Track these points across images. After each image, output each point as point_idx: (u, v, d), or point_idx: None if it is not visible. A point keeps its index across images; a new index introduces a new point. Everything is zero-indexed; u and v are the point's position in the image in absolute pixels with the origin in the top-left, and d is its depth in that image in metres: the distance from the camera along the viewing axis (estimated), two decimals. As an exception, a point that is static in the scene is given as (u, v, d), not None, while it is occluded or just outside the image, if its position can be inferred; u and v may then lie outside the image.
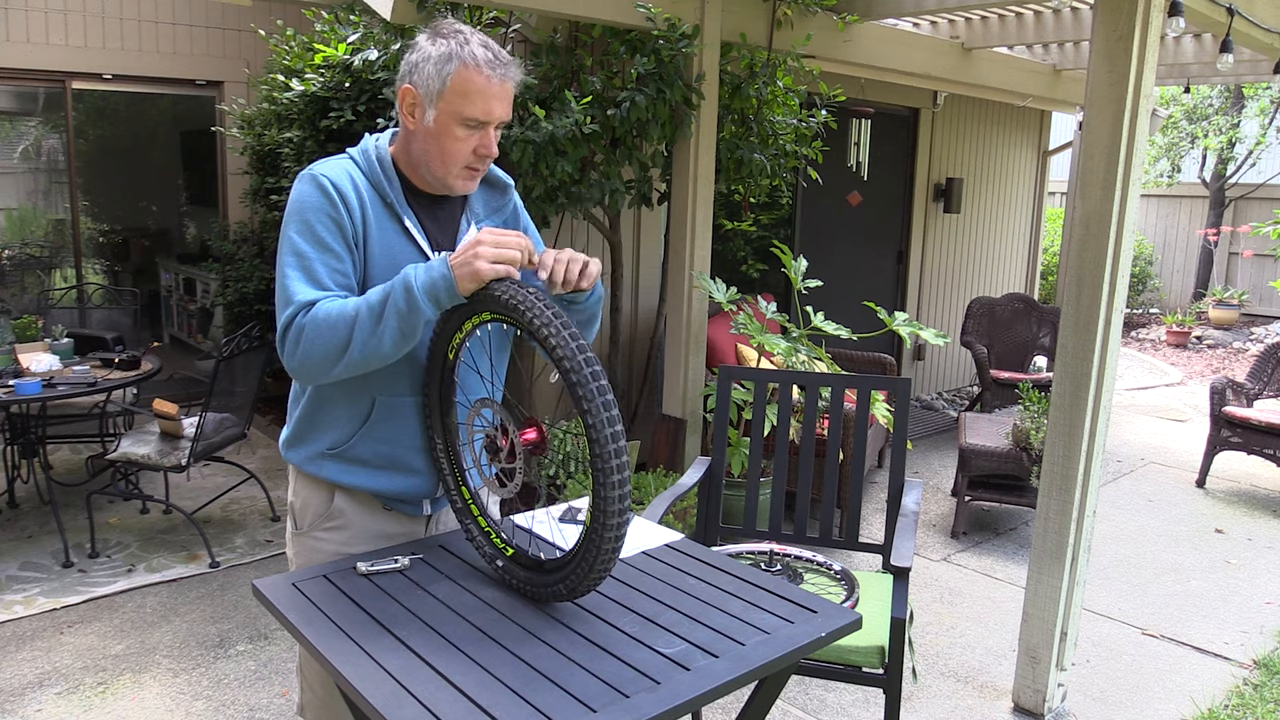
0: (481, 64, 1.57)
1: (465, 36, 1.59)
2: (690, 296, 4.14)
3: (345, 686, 1.32)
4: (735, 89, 4.27)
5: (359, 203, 1.63)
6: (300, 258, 1.58)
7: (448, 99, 1.58)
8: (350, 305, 1.51)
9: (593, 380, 1.34)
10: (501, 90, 1.60)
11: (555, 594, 1.51)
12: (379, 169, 1.68)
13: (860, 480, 2.79)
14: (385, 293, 1.49)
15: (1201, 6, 3.34)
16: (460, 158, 1.63)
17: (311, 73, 4.80)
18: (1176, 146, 11.57)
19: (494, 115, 1.61)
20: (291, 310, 1.55)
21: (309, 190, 1.62)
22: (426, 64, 1.59)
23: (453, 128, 1.60)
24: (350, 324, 1.49)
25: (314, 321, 1.52)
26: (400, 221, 1.67)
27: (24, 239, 7.41)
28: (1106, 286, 2.73)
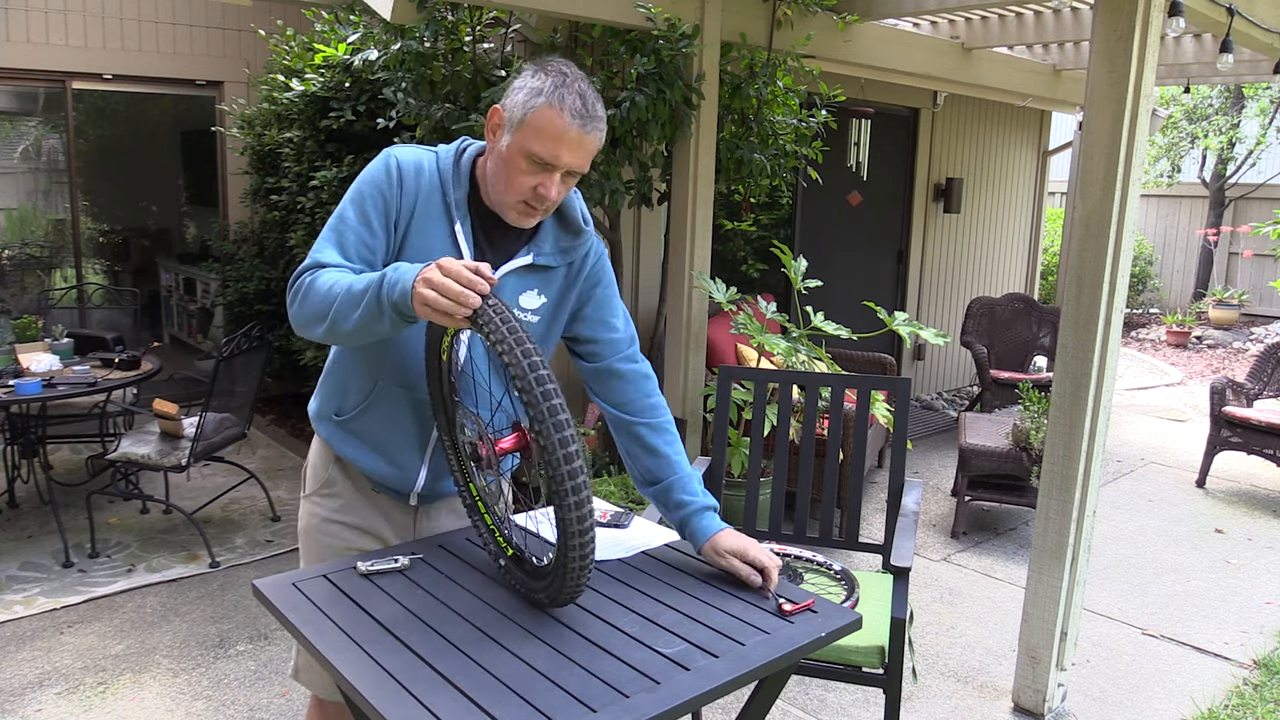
0: (566, 108, 1.57)
1: (568, 80, 1.59)
2: (690, 296, 4.14)
3: (345, 687, 1.32)
4: (735, 89, 4.27)
5: (415, 190, 1.67)
6: (341, 222, 1.66)
7: (524, 130, 1.58)
8: (343, 282, 1.55)
9: (544, 400, 1.33)
10: (577, 139, 1.58)
11: (539, 601, 1.53)
12: (453, 170, 1.70)
13: (860, 480, 2.79)
14: (368, 283, 1.50)
15: (1201, 6, 3.34)
16: (520, 191, 1.62)
17: (311, 73, 4.80)
18: (1176, 146, 11.57)
19: (561, 161, 1.59)
20: (304, 265, 1.63)
21: (378, 166, 1.68)
22: (521, 91, 1.60)
23: (519, 159, 1.60)
24: (335, 298, 1.54)
25: (313, 284, 1.58)
26: (451, 224, 1.68)
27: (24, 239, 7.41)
28: (1106, 286, 2.73)
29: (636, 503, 3.87)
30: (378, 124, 4.33)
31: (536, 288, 1.76)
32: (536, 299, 1.77)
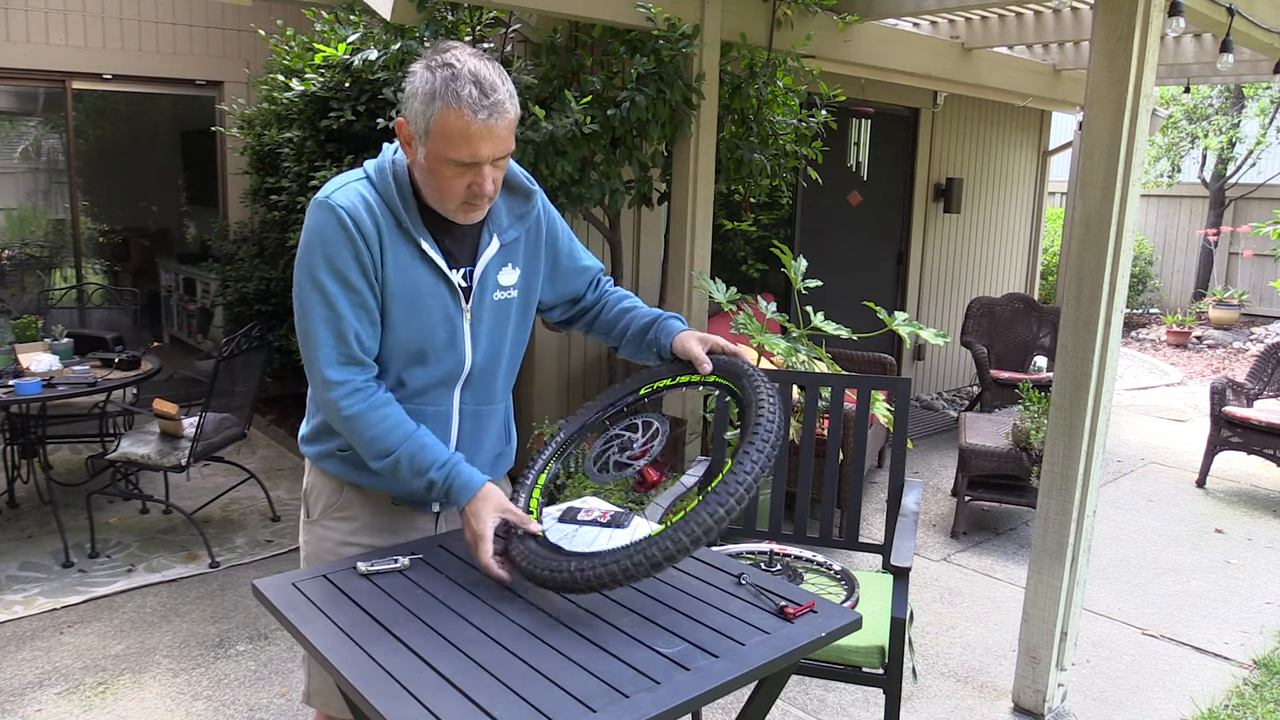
0: (465, 105, 1.49)
1: (455, 70, 1.51)
2: (690, 296, 4.14)
3: (346, 687, 1.32)
4: (735, 89, 4.27)
5: (375, 231, 1.61)
6: (329, 306, 1.60)
7: (432, 139, 1.53)
8: (394, 440, 1.63)
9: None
10: (487, 131, 1.52)
11: (570, 579, 1.51)
12: (394, 188, 1.63)
13: (860, 480, 2.79)
14: (425, 472, 1.63)
15: (1201, 6, 3.34)
16: (454, 194, 1.60)
17: (311, 73, 4.80)
18: (1176, 146, 11.57)
19: (481, 156, 1.54)
20: (330, 384, 1.63)
21: (328, 223, 1.59)
22: (415, 99, 1.53)
23: (441, 167, 1.56)
24: (393, 457, 1.64)
25: (362, 424, 1.63)
26: (417, 244, 1.64)
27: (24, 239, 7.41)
28: (1106, 286, 2.73)
29: (636, 503, 3.88)
30: (378, 124, 4.33)
31: (509, 262, 1.76)
32: (512, 273, 1.77)
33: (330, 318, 1.60)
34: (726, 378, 1.64)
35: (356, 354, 1.62)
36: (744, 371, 1.60)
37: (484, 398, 1.81)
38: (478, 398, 1.79)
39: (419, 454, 1.63)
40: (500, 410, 1.87)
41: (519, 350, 1.86)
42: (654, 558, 1.39)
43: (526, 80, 3.71)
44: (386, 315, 1.65)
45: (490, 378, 1.80)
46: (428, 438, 1.65)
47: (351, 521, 1.81)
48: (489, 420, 1.84)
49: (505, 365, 1.83)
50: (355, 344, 1.61)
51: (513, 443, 1.95)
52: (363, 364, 1.64)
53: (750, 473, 1.38)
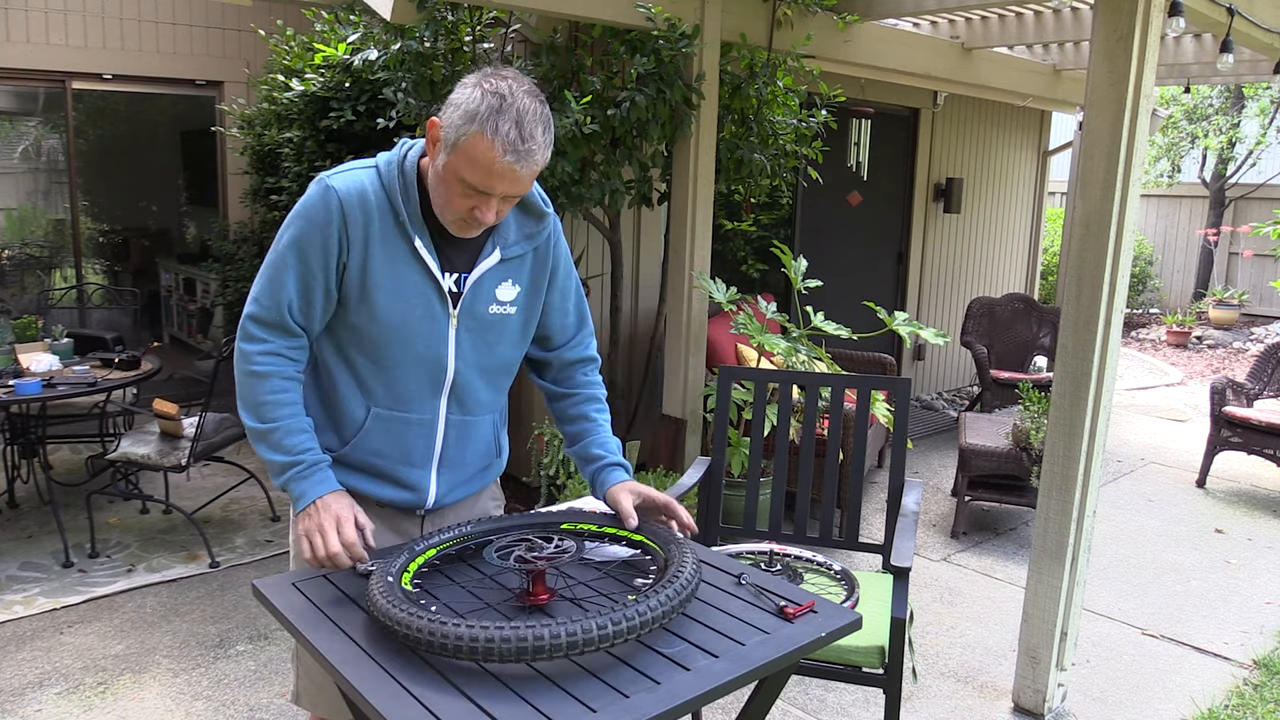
0: (499, 141, 1.49)
1: (504, 103, 1.50)
2: (690, 296, 4.14)
3: (346, 687, 1.32)
4: (735, 89, 4.27)
5: (363, 219, 1.61)
6: (283, 264, 1.64)
7: (457, 154, 1.53)
8: (281, 416, 1.65)
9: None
10: (509, 171, 1.52)
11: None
12: (399, 182, 1.63)
13: (860, 480, 2.79)
14: (290, 451, 1.64)
15: (1201, 6, 3.34)
16: (456, 210, 1.60)
17: (311, 73, 4.80)
18: (1176, 146, 11.57)
19: (495, 190, 1.54)
20: (249, 314, 1.66)
21: (317, 201, 1.62)
22: (457, 111, 1.53)
23: (454, 182, 1.56)
24: (268, 424, 1.65)
25: (256, 380, 1.65)
26: (410, 241, 1.64)
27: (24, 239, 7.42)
28: (1106, 286, 2.73)
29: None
30: (378, 124, 4.33)
31: (510, 278, 1.75)
32: (511, 289, 1.75)
33: (276, 282, 1.64)
34: (655, 541, 1.64)
35: (287, 322, 1.65)
36: (672, 539, 1.61)
37: (471, 408, 1.78)
38: (464, 408, 1.77)
39: (294, 434, 1.65)
40: (488, 422, 1.84)
41: (512, 368, 1.84)
42: (521, 642, 1.28)
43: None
44: (370, 305, 1.64)
45: (477, 389, 1.77)
46: (309, 426, 1.68)
47: None
48: (475, 432, 1.81)
49: (496, 379, 1.81)
50: (288, 314, 1.64)
51: (503, 455, 1.94)
52: (290, 332, 1.67)
53: (650, 610, 1.35)
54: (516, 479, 4.90)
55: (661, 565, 1.59)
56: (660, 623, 1.37)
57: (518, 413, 4.84)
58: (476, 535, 1.71)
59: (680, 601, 1.41)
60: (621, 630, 1.31)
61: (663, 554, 1.61)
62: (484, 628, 1.28)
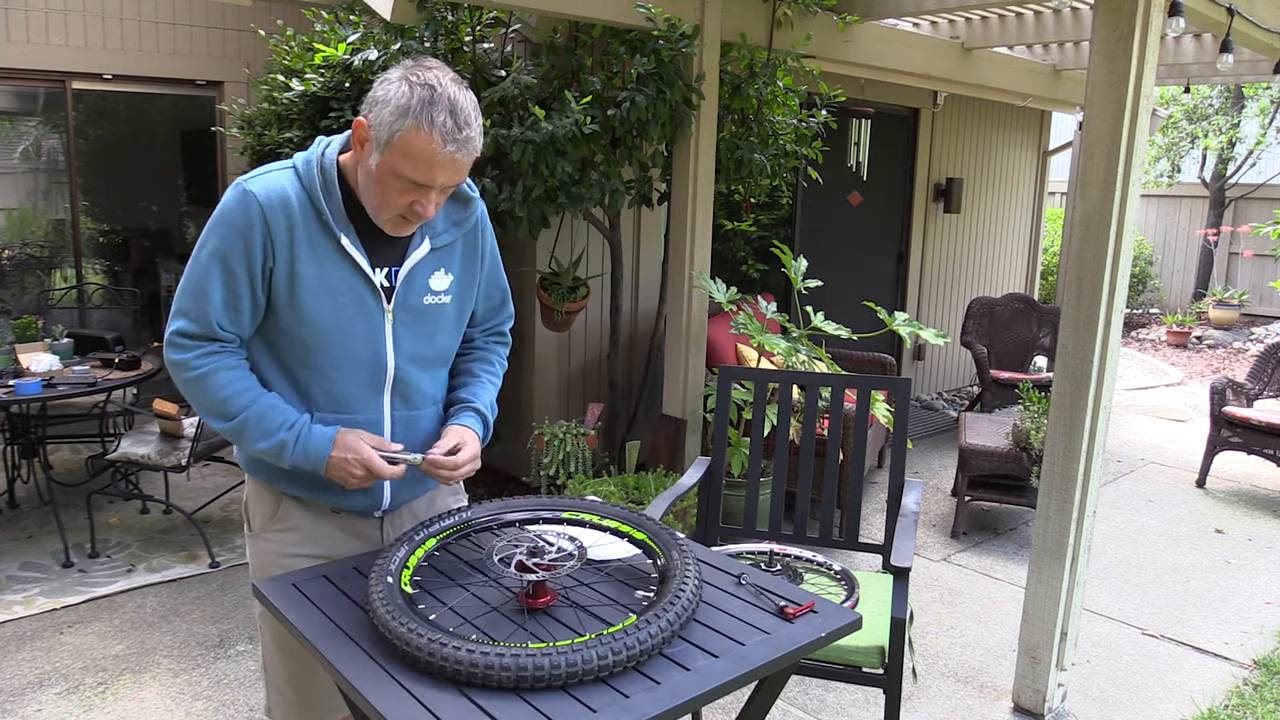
0: (436, 131, 1.48)
1: (434, 94, 1.49)
2: (690, 296, 4.14)
3: (345, 687, 1.32)
4: (735, 89, 4.27)
5: (286, 222, 1.59)
6: (205, 276, 1.60)
7: (392, 151, 1.51)
8: (247, 399, 1.62)
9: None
10: (450, 161, 1.52)
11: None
12: (319, 181, 1.60)
13: (860, 480, 2.79)
14: (274, 433, 1.61)
15: (1201, 6, 3.34)
16: (393, 207, 1.58)
17: (311, 73, 4.80)
18: (1176, 146, 11.57)
19: (435, 182, 1.54)
20: (174, 330, 1.63)
21: (234, 208, 1.59)
22: (385, 108, 1.50)
23: (391, 179, 1.54)
24: (239, 414, 1.62)
25: (207, 380, 1.61)
26: (336, 238, 1.61)
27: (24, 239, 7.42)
28: (1106, 286, 2.73)
29: (636, 503, 3.88)
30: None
31: (442, 267, 1.74)
32: (444, 278, 1.74)
33: (200, 294, 1.60)
34: (657, 543, 1.64)
35: (216, 332, 1.61)
36: (674, 542, 1.61)
37: (415, 402, 1.76)
38: (409, 403, 1.75)
39: (267, 414, 1.62)
40: (432, 414, 1.81)
41: (450, 356, 1.83)
42: (525, 669, 1.29)
43: (526, 80, 3.71)
44: (300, 308, 1.62)
45: (419, 381, 1.75)
46: (276, 400, 1.64)
47: (292, 533, 1.76)
48: (421, 425, 1.78)
49: (437, 371, 1.80)
50: (216, 325, 1.61)
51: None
52: (221, 339, 1.63)
53: (650, 638, 1.35)
54: (516, 479, 4.90)
55: (662, 574, 1.58)
56: (660, 649, 1.37)
57: (518, 413, 4.84)
58: (478, 522, 1.70)
59: (680, 625, 1.41)
60: (621, 659, 1.32)
61: (664, 558, 1.61)
62: (484, 654, 1.28)
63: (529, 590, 1.53)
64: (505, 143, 3.56)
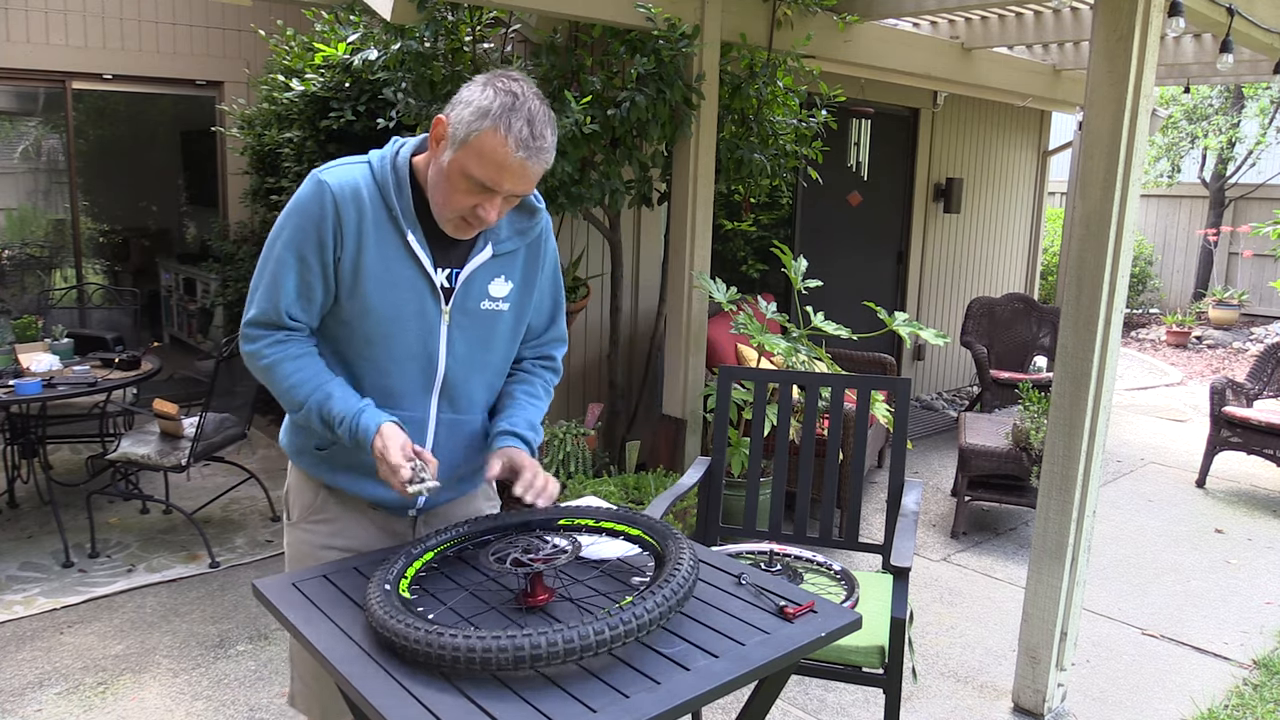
0: (512, 136, 1.52)
1: (518, 102, 1.54)
2: (690, 296, 4.14)
3: (346, 687, 1.32)
4: (735, 89, 4.27)
5: (357, 214, 1.62)
6: (279, 266, 1.65)
7: (466, 150, 1.54)
8: (310, 386, 1.66)
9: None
10: (520, 168, 1.54)
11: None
12: (391, 178, 1.65)
13: (860, 480, 2.79)
14: (340, 416, 1.64)
15: (1201, 6, 3.34)
16: (457, 207, 1.60)
17: (311, 73, 4.80)
18: (1176, 146, 11.57)
19: (502, 187, 1.56)
20: (251, 320, 1.68)
21: (310, 197, 1.63)
22: (468, 108, 1.55)
23: (459, 178, 1.57)
24: (304, 402, 1.66)
25: (276, 369, 1.66)
26: (403, 235, 1.65)
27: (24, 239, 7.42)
28: (1106, 286, 2.73)
29: (636, 503, 3.88)
30: (378, 124, 4.33)
31: (503, 274, 1.75)
32: (504, 285, 1.75)
33: (274, 284, 1.65)
34: (653, 537, 1.65)
35: (284, 319, 1.66)
36: (670, 534, 1.62)
37: (463, 407, 1.78)
38: (455, 407, 1.77)
39: (326, 404, 1.65)
40: (479, 421, 1.83)
41: (504, 366, 1.84)
42: (522, 650, 1.29)
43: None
44: (362, 299, 1.65)
45: (469, 387, 1.77)
46: (337, 388, 1.66)
47: (329, 524, 1.80)
48: (466, 431, 1.80)
49: (488, 378, 1.81)
50: (286, 314, 1.66)
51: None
52: (291, 328, 1.68)
53: (646, 612, 1.35)
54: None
55: (658, 562, 1.59)
56: (659, 623, 1.37)
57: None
58: (474, 535, 1.71)
59: (677, 601, 1.41)
60: (619, 634, 1.31)
61: (660, 549, 1.61)
62: (480, 638, 1.28)
63: (528, 588, 1.53)
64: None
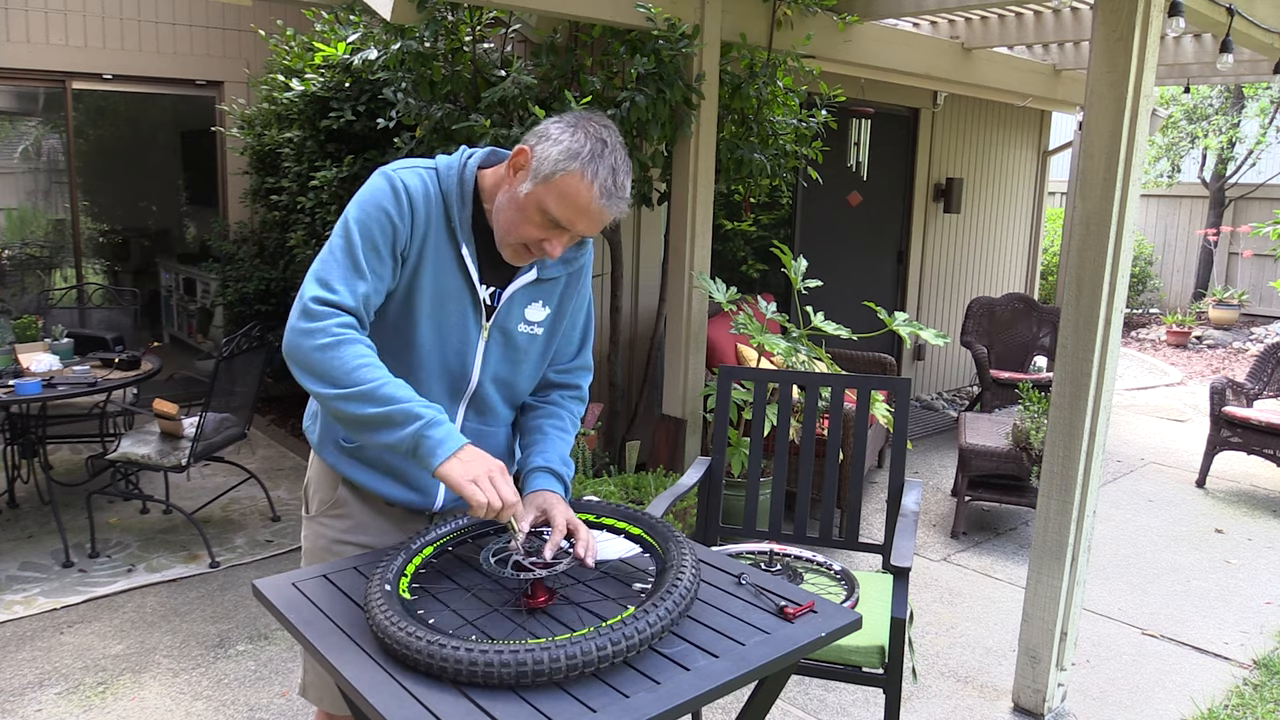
0: (598, 183, 1.54)
1: (606, 150, 1.56)
2: (690, 296, 4.14)
3: (346, 687, 1.32)
4: (735, 89, 4.27)
5: (425, 216, 1.63)
6: (350, 247, 1.59)
7: (548, 187, 1.55)
8: (376, 379, 1.51)
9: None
10: (599, 214, 1.58)
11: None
12: (456, 188, 1.65)
13: (860, 480, 2.79)
14: (406, 415, 1.49)
15: (1201, 6, 3.34)
16: (523, 236, 1.61)
17: (311, 73, 4.80)
18: (1176, 146, 11.57)
19: (575, 227, 1.59)
20: (319, 296, 1.56)
21: (383, 189, 1.62)
22: (554, 146, 1.56)
23: (534, 211, 1.58)
24: (362, 390, 1.50)
25: (340, 350, 1.52)
26: (458, 247, 1.66)
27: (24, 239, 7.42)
28: (1106, 286, 2.73)
29: (636, 503, 3.88)
30: (378, 124, 4.33)
31: (541, 299, 1.77)
32: (541, 311, 1.78)
33: (345, 264, 1.59)
34: (654, 537, 1.65)
35: (353, 303, 1.59)
36: (671, 535, 1.62)
37: (488, 419, 1.81)
38: (481, 418, 1.80)
39: (404, 387, 1.54)
40: (503, 433, 1.86)
41: (529, 387, 1.86)
42: (526, 666, 1.28)
43: (526, 80, 3.71)
44: (412, 303, 1.65)
45: (494, 402, 1.80)
46: (408, 388, 1.59)
47: (346, 520, 1.82)
48: (490, 442, 1.83)
49: (514, 395, 1.84)
50: (354, 297, 1.58)
51: (515, 464, 1.94)
52: (355, 313, 1.60)
53: (648, 628, 1.35)
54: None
55: (660, 565, 1.59)
56: (661, 636, 1.37)
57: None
58: (472, 529, 1.71)
59: (682, 610, 1.41)
60: (621, 650, 1.32)
61: (661, 551, 1.61)
62: (483, 653, 1.28)
63: (528, 590, 1.53)
64: (505, 143, 3.56)
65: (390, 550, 1.64)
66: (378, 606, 1.40)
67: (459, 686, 1.30)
